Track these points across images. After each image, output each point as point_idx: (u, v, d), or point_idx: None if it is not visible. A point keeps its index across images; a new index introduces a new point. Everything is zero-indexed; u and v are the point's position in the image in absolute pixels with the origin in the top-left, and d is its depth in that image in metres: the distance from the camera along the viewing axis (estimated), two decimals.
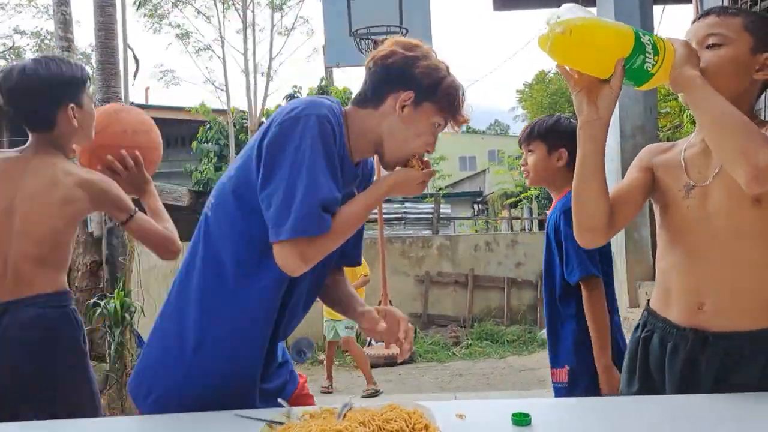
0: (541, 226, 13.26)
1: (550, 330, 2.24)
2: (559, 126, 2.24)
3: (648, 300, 1.56)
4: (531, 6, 7.51)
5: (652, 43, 1.29)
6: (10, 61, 20.21)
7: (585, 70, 1.31)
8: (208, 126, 15.07)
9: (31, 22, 60.76)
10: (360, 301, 1.66)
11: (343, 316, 1.71)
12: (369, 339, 6.99)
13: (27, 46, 21.93)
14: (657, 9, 6.68)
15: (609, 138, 1.39)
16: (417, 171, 1.47)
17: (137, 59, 6.15)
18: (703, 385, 1.38)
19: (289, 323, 1.52)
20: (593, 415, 1.32)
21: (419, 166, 1.48)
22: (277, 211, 1.30)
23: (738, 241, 1.37)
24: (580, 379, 2.11)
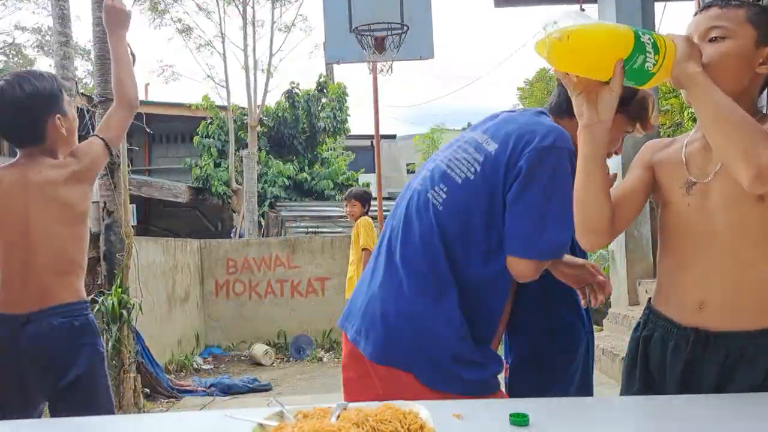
0: None
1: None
2: None
3: (649, 298, 1.54)
4: (532, 2, 7.51)
5: (653, 42, 1.26)
6: (10, 57, 20.22)
7: (584, 74, 1.28)
8: (209, 121, 15.03)
9: (31, 18, 60.84)
10: None
11: None
12: None
13: (27, 42, 21.93)
14: (658, 6, 6.66)
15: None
16: None
17: (134, 54, 6.12)
18: (705, 385, 1.36)
19: None
20: (591, 416, 1.30)
21: None
22: (527, 232, 1.52)
23: (740, 239, 1.34)
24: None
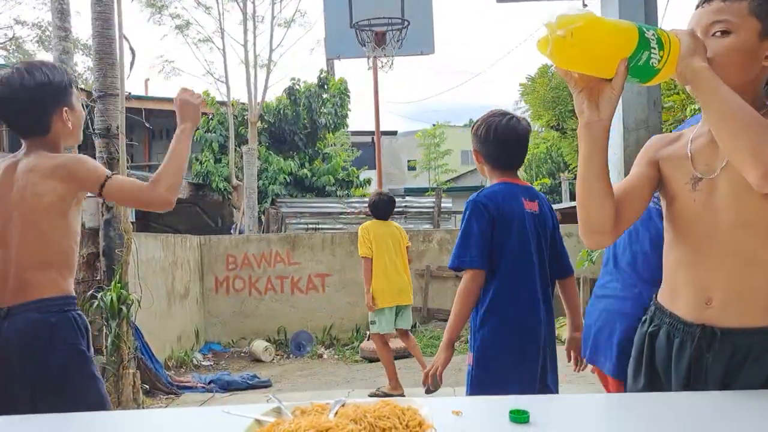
0: None
1: None
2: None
3: (655, 294, 1.52)
4: None
5: (657, 38, 1.23)
6: (11, 51, 20.18)
7: (588, 72, 1.26)
8: (210, 117, 15.01)
9: (31, 13, 60.84)
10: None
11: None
12: (368, 334, 6.91)
13: (27, 36, 21.89)
14: (661, 2, 6.63)
15: (612, 131, 1.34)
16: None
17: (133, 50, 6.09)
18: (711, 382, 1.34)
19: None
20: (592, 412, 1.29)
21: None
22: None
23: (746, 235, 1.32)
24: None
